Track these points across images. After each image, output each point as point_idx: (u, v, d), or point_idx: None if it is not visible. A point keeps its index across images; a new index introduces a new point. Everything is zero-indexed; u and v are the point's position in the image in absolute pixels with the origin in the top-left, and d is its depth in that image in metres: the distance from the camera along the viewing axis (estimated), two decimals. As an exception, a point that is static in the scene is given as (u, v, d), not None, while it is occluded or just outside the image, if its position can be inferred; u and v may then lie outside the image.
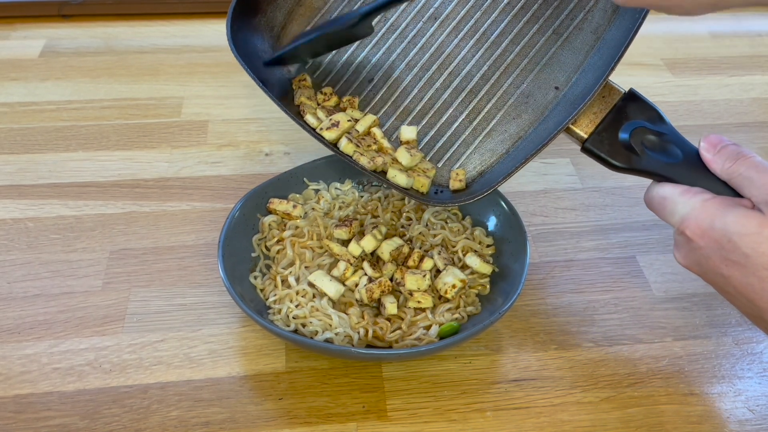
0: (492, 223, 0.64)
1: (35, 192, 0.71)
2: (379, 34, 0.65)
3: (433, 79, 0.64)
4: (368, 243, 0.59)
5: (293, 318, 0.55)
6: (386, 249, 0.59)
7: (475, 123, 0.62)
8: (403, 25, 0.65)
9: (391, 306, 0.56)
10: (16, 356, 0.56)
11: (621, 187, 0.73)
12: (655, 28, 1.01)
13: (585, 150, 0.54)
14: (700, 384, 0.56)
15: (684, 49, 0.96)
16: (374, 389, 0.55)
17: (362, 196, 0.66)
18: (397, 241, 0.59)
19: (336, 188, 0.66)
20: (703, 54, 0.95)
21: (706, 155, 0.49)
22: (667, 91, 0.88)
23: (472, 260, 0.59)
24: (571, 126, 0.54)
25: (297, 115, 0.62)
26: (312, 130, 0.60)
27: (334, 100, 0.63)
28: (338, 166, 0.67)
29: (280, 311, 0.56)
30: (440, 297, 0.58)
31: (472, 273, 0.60)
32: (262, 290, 0.59)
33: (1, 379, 0.55)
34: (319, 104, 0.63)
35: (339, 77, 0.66)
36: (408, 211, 0.64)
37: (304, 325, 0.55)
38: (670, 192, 0.49)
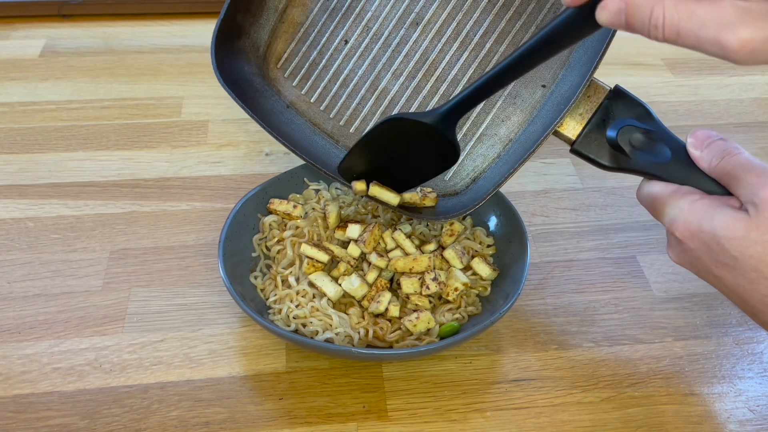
0: (492, 223, 0.64)
1: (35, 192, 0.71)
2: (364, 45, 0.64)
3: (420, 87, 0.63)
4: (360, 289, 0.57)
5: (293, 318, 0.55)
6: (400, 265, 0.58)
7: (464, 128, 0.62)
8: (386, 33, 0.64)
9: (393, 308, 0.56)
10: (17, 356, 0.56)
11: (621, 187, 0.74)
12: (655, 28, 1.01)
13: (573, 152, 0.53)
14: (700, 384, 0.56)
15: (684, 49, 0.96)
16: (374, 389, 0.55)
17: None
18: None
19: (336, 188, 0.66)
20: (703, 54, 0.95)
21: (694, 152, 0.48)
22: (667, 91, 0.88)
23: (482, 268, 0.59)
24: (558, 129, 0.53)
25: (289, 141, 0.62)
26: (312, 162, 0.60)
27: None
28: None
29: (280, 311, 0.56)
30: (440, 298, 0.58)
31: (474, 275, 0.60)
32: (262, 290, 0.59)
33: (1, 379, 0.55)
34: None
35: (327, 91, 0.65)
36: (408, 211, 0.64)
37: (304, 325, 0.55)
38: (659, 192, 0.49)
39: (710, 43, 0.39)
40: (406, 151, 0.57)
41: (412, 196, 0.59)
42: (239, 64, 0.65)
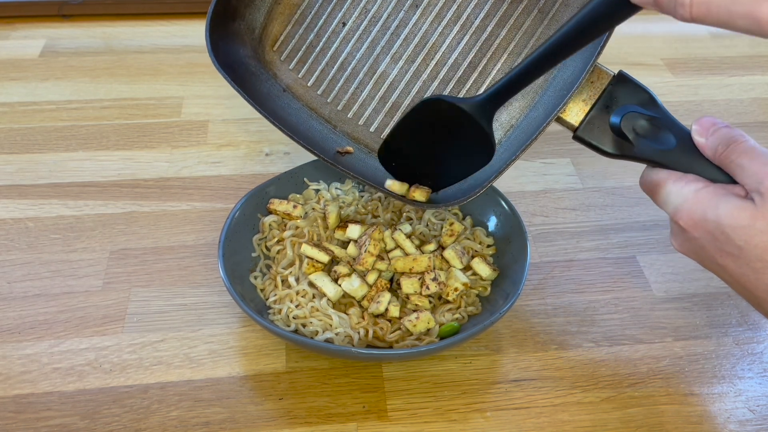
0: (492, 223, 0.64)
1: (35, 192, 0.71)
2: (362, 27, 0.63)
3: (419, 71, 0.62)
4: (360, 290, 0.57)
5: (293, 318, 0.55)
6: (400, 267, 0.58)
7: None
8: (385, 15, 0.63)
9: (393, 308, 0.56)
10: (16, 356, 0.56)
11: (621, 187, 0.74)
12: (655, 28, 1.01)
13: (576, 138, 0.52)
14: (700, 384, 0.56)
15: (684, 49, 0.96)
16: (374, 389, 0.55)
17: (362, 196, 0.66)
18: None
19: (336, 188, 0.66)
20: (703, 54, 0.96)
21: (699, 139, 0.48)
22: (667, 91, 0.88)
23: (482, 268, 0.59)
24: (560, 115, 0.52)
25: (287, 127, 0.61)
26: (312, 150, 0.60)
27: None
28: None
29: (280, 311, 0.56)
30: (440, 298, 0.58)
31: (474, 275, 0.60)
32: (262, 290, 0.59)
33: (1, 379, 0.55)
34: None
35: (325, 75, 0.64)
36: (408, 211, 0.64)
37: (304, 325, 0.55)
38: (663, 179, 0.48)
39: (743, 17, 0.38)
40: (443, 139, 0.55)
41: (414, 191, 0.58)
42: (234, 47, 0.63)
